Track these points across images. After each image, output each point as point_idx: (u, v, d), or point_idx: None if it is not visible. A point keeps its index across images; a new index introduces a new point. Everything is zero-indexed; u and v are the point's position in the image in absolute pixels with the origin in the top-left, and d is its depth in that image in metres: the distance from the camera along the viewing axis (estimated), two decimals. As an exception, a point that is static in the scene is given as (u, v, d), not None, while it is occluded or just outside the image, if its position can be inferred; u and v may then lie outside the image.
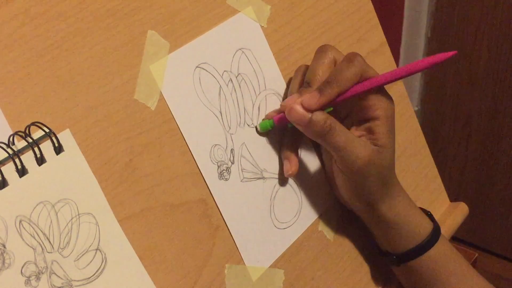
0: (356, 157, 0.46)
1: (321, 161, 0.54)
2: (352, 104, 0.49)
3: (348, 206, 0.54)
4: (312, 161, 0.54)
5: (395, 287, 0.59)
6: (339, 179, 0.50)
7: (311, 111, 0.46)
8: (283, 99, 0.52)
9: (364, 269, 0.58)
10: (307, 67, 0.50)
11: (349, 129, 0.48)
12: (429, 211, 0.55)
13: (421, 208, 0.54)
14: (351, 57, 0.46)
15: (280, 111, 0.49)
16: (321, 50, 0.48)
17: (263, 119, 0.50)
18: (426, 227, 0.52)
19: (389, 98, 0.49)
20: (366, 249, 0.58)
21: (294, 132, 0.49)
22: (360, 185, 0.49)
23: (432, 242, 0.51)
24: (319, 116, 0.45)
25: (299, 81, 0.50)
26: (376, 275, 0.59)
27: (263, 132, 0.50)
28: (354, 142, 0.46)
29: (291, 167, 0.50)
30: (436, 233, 0.52)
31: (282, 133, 0.51)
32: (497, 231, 1.61)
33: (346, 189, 0.50)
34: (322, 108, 0.46)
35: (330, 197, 0.55)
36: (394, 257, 0.53)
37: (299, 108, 0.46)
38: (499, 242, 1.62)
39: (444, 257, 0.52)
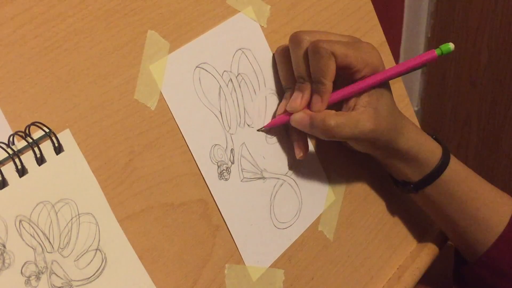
0: (365, 133, 0.48)
1: (320, 159, 0.54)
2: (337, 74, 0.49)
3: (360, 150, 0.55)
4: (312, 161, 0.54)
5: (395, 287, 0.59)
6: (354, 146, 0.53)
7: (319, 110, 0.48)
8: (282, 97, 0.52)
9: (364, 269, 0.58)
10: (285, 50, 0.50)
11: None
12: (434, 135, 0.57)
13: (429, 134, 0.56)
14: (314, 49, 0.47)
15: (284, 112, 0.50)
16: (295, 41, 0.48)
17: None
18: (437, 152, 0.54)
19: (372, 51, 0.49)
20: (366, 249, 0.58)
21: None
22: (375, 144, 0.50)
23: (445, 165, 0.54)
24: (317, 119, 0.47)
25: (286, 68, 0.50)
26: (377, 275, 0.59)
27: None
28: (357, 122, 0.48)
29: (301, 150, 0.51)
30: (446, 155, 0.54)
31: (285, 127, 0.51)
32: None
33: (363, 148, 0.53)
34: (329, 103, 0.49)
35: (330, 197, 0.55)
36: (411, 185, 0.55)
37: (297, 117, 0.48)
38: (499, 242, 1.61)
39: (458, 176, 0.55)
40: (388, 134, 0.50)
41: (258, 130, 0.50)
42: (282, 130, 0.52)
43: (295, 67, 0.49)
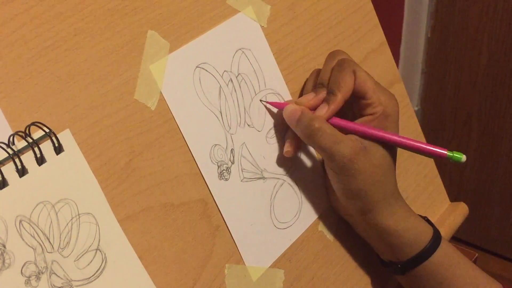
0: (342, 155, 0.47)
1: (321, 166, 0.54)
2: (354, 100, 0.50)
3: (345, 216, 0.54)
4: (312, 161, 0.54)
5: (395, 287, 0.59)
6: (334, 182, 0.50)
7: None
8: (284, 99, 0.52)
9: (364, 269, 0.58)
10: (319, 71, 0.52)
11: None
12: (425, 217, 0.54)
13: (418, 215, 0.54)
14: (340, 63, 0.50)
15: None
16: (331, 55, 0.51)
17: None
18: (427, 232, 0.52)
19: (391, 97, 0.50)
20: (366, 249, 0.58)
21: None
22: (350, 183, 0.48)
23: (435, 246, 0.51)
24: (306, 116, 0.47)
25: (313, 82, 0.52)
26: (377, 275, 0.59)
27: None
28: (340, 142, 0.47)
29: (290, 145, 0.50)
30: (437, 237, 0.52)
31: (285, 129, 0.51)
32: (497, 231, 1.61)
33: (338, 190, 0.50)
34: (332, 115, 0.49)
35: (330, 197, 0.55)
36: (399, 266, 0.52)
37: (290, 107, 0.49)
38: (499, 242, 1.62)
39: (448, 260, 0.52)
40: (369, 184, 0.48)
41: (260, 100, 0.50)
42: (282, 130, 0.52)
43: (321, 75, 0.51)
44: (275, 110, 0.51)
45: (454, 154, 0.47)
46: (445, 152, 0.47)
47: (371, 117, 0.49)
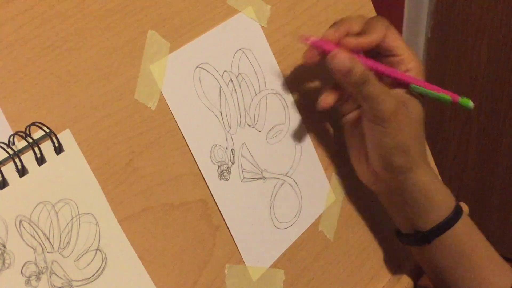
0: (387, 106, 0.47)
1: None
2: (386, 59, 0.51)
3: (377, 183, 0.53)
4: (312, 161, 0.54)
5: (395, 287, 0.59)
6: (375, 137, 0.49)
7: (351, 51, 0.48)
8: (284, 99, 0.52)
9: (364, 269, 0.58)
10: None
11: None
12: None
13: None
14: (377, 17, 0.51)
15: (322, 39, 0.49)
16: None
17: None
18: (451, 199, 0.52)
19: (417, 55, 0.52)
20: (366, 249, 0.58)
21: None
22: (394, 136, 0.48)
23: (459, 215, 0.51)
24: (358, 68, 0.46)
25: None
26: (376, 275, 0.59)
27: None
28: (385, 93, 0.47)
29: (327, 96, 0.50)
30: (459, 206, 0.52)
31: (286, 131, 0.51)
32: (497, 231, 1.61)
33: (381, 148, 0.49)
34: (361, 48, 0.49)
35: (330, 197, 0.55)
36: (425, 232, 0.52)
37: (341, 56, 0.46)
38: (499, 242, 1.61)
39: (469, 231, 0.53)
40: (412, 139, 0.48)
41: (301, 35, 0.49)
42: (282, 130, 0.52)
43: (350, 23, 0.50)
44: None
45: (463, 100, 0.49)
46: (457, 98, 0.50)
47: (407, 74, 0.50)
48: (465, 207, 0.68)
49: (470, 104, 0.49)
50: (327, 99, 0.50)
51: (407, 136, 0.48)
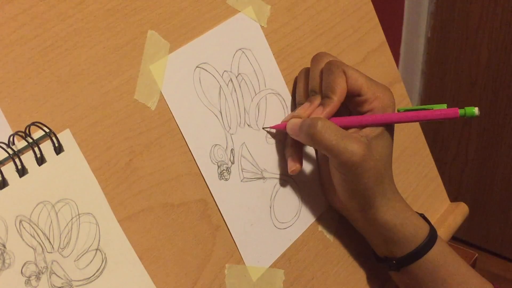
0: (351, 153, 0.46)
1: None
2: (349, 99, 0.50)
3: (343, 212, 0.54)
4: (312, 162, 0.54)
5: (394, 287, 0.59)
6: (336, 179, 0.50)
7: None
8: (284, 99, 0.52)
9: (364, 269, 0.58)
10: (308, 70, 0.51)
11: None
12: (422, 214, 0.54)
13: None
14: (328, 66, 0.49)
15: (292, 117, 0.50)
16: (316, 59, 0.51)
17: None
18: (423, 229, 0.52)
19: (385, 89, 0.50)
20: (366, 249, 0.58)
21: None
22: (357, 182, 0.48)
23: (431, 244, 0.51)
24: (306, 120, 0.47)
25: (303, 85, 0.52)
26: (376, 275, 0.59)
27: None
28: (345, 139, 0.46)
29: (294, 163, 0.50)
30: (433, 234, 0.52)
31: (285, 133, 0.51)
32: (497, 231, 1.61)
33: (342, 189, 0.50)
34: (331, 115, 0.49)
35: (330, 197, 0.55)
36: (394, 261, 0.52)
37: (292, 122, 0.49)
38: (499, 242, 1.62)
39: (443, 258, 0.52)
40: (373, 180, 0.48)
41: (263, 128, 0.50)
42: (283, 131, 0.52)
43: (310, 81, 0.50)
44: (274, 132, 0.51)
45: (466, 110, 0.46)
46: (457, 112, 0.46)
47: (370, 113, 0.49)
48: (464, 207, 0.68)
49: (476, 111, 0.46)
50: (295, 167, 0.50)
51: (368, 181, 0.48)
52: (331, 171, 0.50)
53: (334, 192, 0.52)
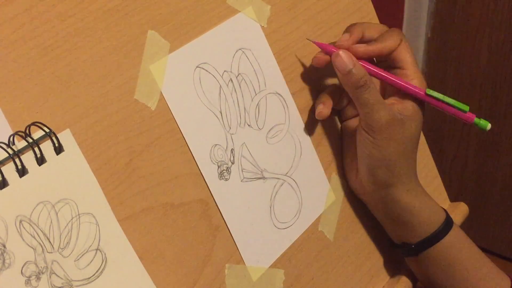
0: (380, 116, 0.48)
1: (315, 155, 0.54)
2: (391, 71, 0.51)
3: (363, 194, 0.54)
4: (312, 161, 0.54)
5: (395, 287, 0.59)
6: (364, 147, 0.50)
7: (356, 57, 0.49)
8: (284, 99, 0.52)
9: (364, 269, 0.58)
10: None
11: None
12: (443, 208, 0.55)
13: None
14: (391, 29, 0.51)
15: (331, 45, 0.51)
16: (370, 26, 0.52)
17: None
18: (440, 214, 0.53)
19: (423, 77, 0.52)
20: (366, 249, 0.58)
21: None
22: (383, 151, 0.49)
23: (448, 228, 0.52)
24: (359, 70, 0.47)
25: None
26: (377, 275, 0.59)
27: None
28: (382, 104, 0.48)
29: (324, 107, 0.50)
30: (449, 219, 0.53)
31: (287, 130, 0.51)
32: (497, 231, 1.61)
33: (367, 159, 0.50)
34: (368, 56, 0.50)
35: (330, 197, 0.55)
36: (412, 246, 0.53)
37: (344, 56, 0.48)
38: (499, 242, 1.62)
39: (459, 243, 0.53)
40: (395, 154, 0.49)
41: (307, 39, 0.52)
42: (282, 130, 0.52)
43: (367, 28, 0.52)
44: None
45: (481, 121, 0.49)
46: (473, 119, 0.49)
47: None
48: (464, 207, 0.68)
49: (488, 126, 0.49)
50: (323, 112, 0.50)
51: (394, 151, 0.49)
52: (359, 139, 0.50)
53: (356, 171, 0.52)
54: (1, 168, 0.36)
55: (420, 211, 0.51)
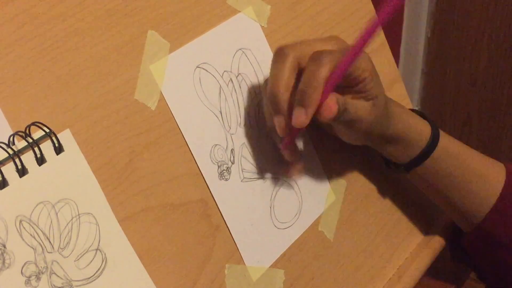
0: (361, 121, 0.48)
1: (318, 153, 0.54)
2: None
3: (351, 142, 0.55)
4: (312, 161, 0.54)
5: (395, 287, 0.59)
6: (347, 137, 0.52)
7: (303, 125, 0.44)
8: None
9: (364, 269, 0.58)
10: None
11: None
12: (421, 112, 0.57)
13: (413, 110, 0.56)
14: (316, 57, 0.43)
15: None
16: (279, 54, 0.45)
17: None
18: (425, 131, 0.54)
19: (365, 55, 0.47)
20: (366, 249, 0.58)
21: None
22: (369, 134, 0.50)
23: (434, 144, 0.54)
24: (338, 102, 0.44)
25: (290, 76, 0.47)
26: (376, 275, 0.59)
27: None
28: (359, 109, 0.47)
29: (291, 154, 0.49)
30: (435, 133, 0.54)
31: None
32: (497, 231, 1.61)
33: (352, 136, 0.52)
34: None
35: (330, 197, 0.55)
36: (402, 167, 0.55)
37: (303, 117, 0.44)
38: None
39: (449, 154, 0.55)
40: (379, 121, 0.50)
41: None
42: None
43: (272, 85, 0.45)
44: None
45: None
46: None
47: (364, 84, 0.46)
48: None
49: None
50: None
51: (378, 126, 0.50)
52: (341, 132, 0.52)
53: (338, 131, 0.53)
54: (1, 168, 0.36)
55: (406, 136, 0.53)
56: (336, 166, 0.56)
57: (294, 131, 0.46)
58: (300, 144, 0.53)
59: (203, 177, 0.46)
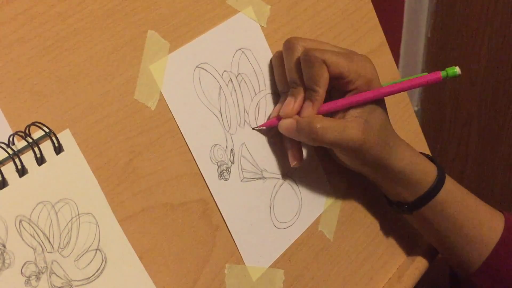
0: (352, 140, 0.47)
1: (319, 157, 0.54)
2: (332, 83, 0.49)
3: (355, 170, 0.55)
4: (312, 161, 0.54)
5: (395, 287, 0.59)
6: (343, 159, 0.52)
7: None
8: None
9: (364, 269, 0.58)
10: (281, 54, 0.50)
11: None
12: (429, 155, 0.56)
13: (422, 153, 0.55)
14: (306, 56, 0.47)
15: (277, 116, 0.50)
16: (289, 47, 0.49)
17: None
18: (431, 172, 0.53)
19: (366, 64, 0.49)
20: (366, 249, 0.58)
21: None
22: (363, 157, 0.50)
23: (440, 185, 0.53)
24: (304, 123, 0.47)
25: (282, 73, 0.50)
26: (376, 275, 0.59)
27: None
28: (346, 130, 0.47)
29: (294, 158, 0.50)
30: (441, 175, 0.54)
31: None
32: (497, 231, 1.61)
33: (352, 164, 0.52)
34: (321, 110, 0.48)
35: (330, 197, 0.55)
36: (406, 206, 0.55)
37: (284, 123, 0.48)
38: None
39: (452, 198, 0.54)
40: (379, 149, 0.49)
41: (253, 128, 0.50)
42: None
43: (288, 73, 0.49)
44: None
45: (448, 71, 0.47)
46: (439, 74, 0.47)
47: (356, 91, 0.49)
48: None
49: (457, 70, 0.47)
50: (296, 162, 0.50)
51: (373, 152, 0.49)
52: (337, 155, 0.52)
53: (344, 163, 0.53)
54: (1, 168, 0.36)
55: (411, 174, 0.52)
56: (336, 166, 0.56)
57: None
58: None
59: (203, 177, 0.46)
